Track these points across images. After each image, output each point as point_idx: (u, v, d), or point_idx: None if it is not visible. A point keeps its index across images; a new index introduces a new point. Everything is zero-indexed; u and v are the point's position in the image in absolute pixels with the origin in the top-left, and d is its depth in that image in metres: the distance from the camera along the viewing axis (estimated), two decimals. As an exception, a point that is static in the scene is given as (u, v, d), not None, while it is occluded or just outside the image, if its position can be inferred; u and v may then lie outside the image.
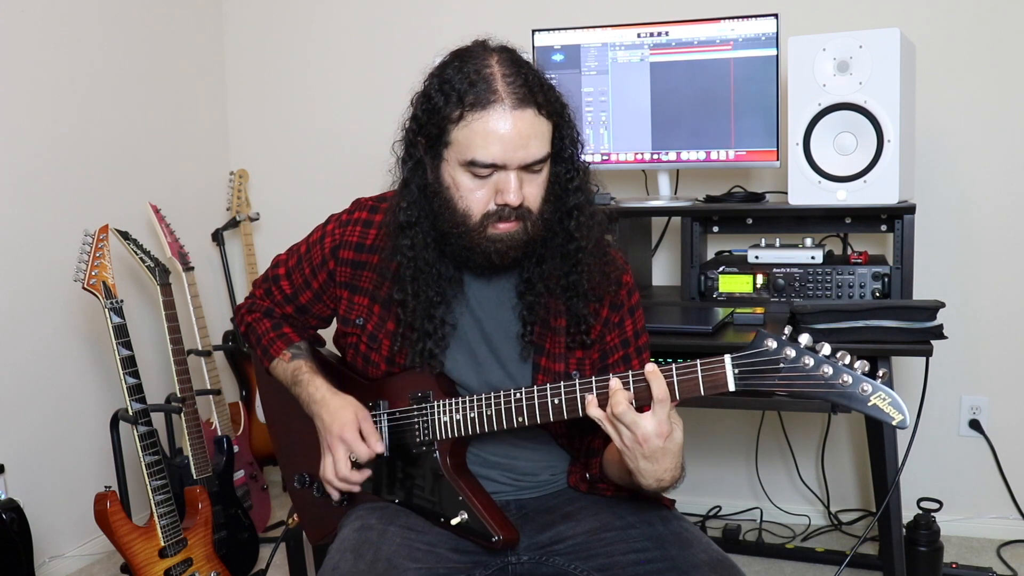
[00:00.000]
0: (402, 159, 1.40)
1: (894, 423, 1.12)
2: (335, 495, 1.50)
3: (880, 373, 1.12)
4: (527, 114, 1.28)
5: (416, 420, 1.44)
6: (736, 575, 1.32)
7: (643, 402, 1.22)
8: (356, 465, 1.45)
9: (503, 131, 1.27)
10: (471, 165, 1.30)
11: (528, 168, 1.31)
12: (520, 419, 1.33)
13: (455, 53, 1.35)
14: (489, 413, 1.36)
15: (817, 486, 2.82)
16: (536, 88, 1.30)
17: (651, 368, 1.21)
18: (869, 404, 1.12)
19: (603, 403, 1.24)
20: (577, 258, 1.39)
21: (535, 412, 1.32)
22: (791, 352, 1.14)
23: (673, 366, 1.22)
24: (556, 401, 1.30)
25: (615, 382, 1.23)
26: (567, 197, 1.39)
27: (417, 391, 1.44)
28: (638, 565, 1.35)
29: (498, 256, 1.34)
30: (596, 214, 1.42)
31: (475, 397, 1.38)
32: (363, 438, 1.43)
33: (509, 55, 1.33)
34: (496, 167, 1.29)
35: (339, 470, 1.44)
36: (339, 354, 1.65)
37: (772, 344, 1.16)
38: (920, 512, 2.30)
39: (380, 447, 1.43)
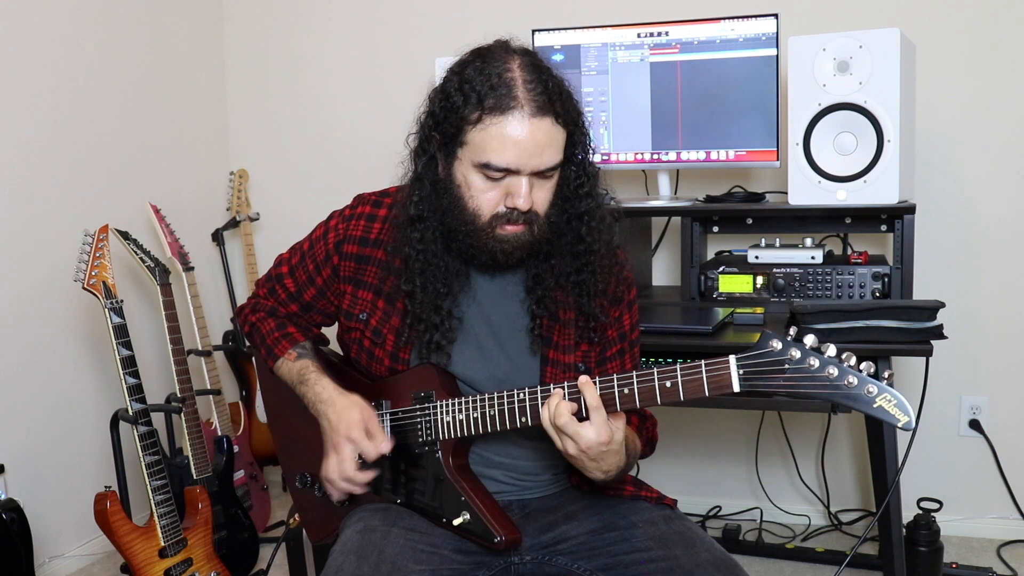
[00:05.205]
0: (415, 152, 1.40)
1: (899, 425, 1.11)
2: (335, 495, 1.49)
3: (885, 374, 1.12)
4: (544, 122, 1.29)
5: (419, 420, 1.44)
6: (739, 575, 1.32)
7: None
8: (362, 465, 1.45)
9: (520, 137, 1.28)
10: (484, 167, 1.31)
11: (540, 174, 1.32)
12: (523, 419, 1.34)
13: (476, 52, 1.35)
14: (492, 413, 1.36)
15: (817, 486, 2.82)
16: (555, 96, 1.31)
17: (583, 379, 1.25)
18: (874, 406, 1.11)
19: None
20: (587, 259, 1.41)
21: (538, 412, 1.31)
22: (796, 353, 1.14)
23: (678, 367, 1.22)
24: None
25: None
26: (577, 201, 1.40)
27: (420, 391, 1.44)
28: (641, 565, 1.35)
29: (503, 256, 1.36)
30: (605, 218, 1.44)
31: (478, 397, 1.38)
32: (370, 437, 1.43)
33: (531, 60, 1.33)
34: (509, 171, 1.30)
35: (344, 470, 1.43)
36: (343, 352, 1.64)
37: (777, 345, 1.15)
38: (920, 512, 2.30)
39: (387, 446, 1.43)
